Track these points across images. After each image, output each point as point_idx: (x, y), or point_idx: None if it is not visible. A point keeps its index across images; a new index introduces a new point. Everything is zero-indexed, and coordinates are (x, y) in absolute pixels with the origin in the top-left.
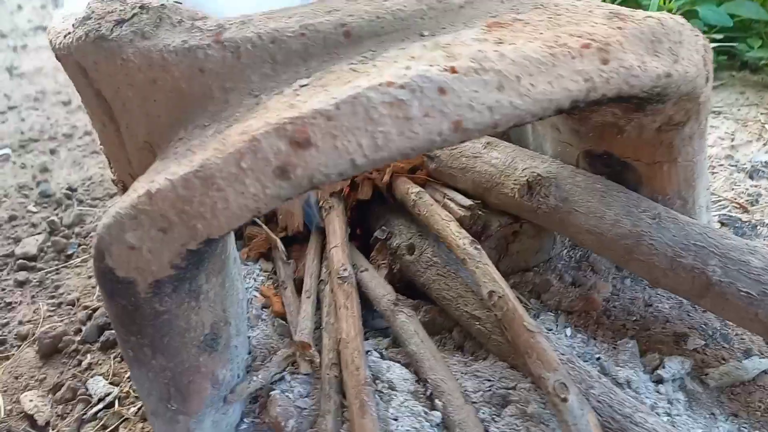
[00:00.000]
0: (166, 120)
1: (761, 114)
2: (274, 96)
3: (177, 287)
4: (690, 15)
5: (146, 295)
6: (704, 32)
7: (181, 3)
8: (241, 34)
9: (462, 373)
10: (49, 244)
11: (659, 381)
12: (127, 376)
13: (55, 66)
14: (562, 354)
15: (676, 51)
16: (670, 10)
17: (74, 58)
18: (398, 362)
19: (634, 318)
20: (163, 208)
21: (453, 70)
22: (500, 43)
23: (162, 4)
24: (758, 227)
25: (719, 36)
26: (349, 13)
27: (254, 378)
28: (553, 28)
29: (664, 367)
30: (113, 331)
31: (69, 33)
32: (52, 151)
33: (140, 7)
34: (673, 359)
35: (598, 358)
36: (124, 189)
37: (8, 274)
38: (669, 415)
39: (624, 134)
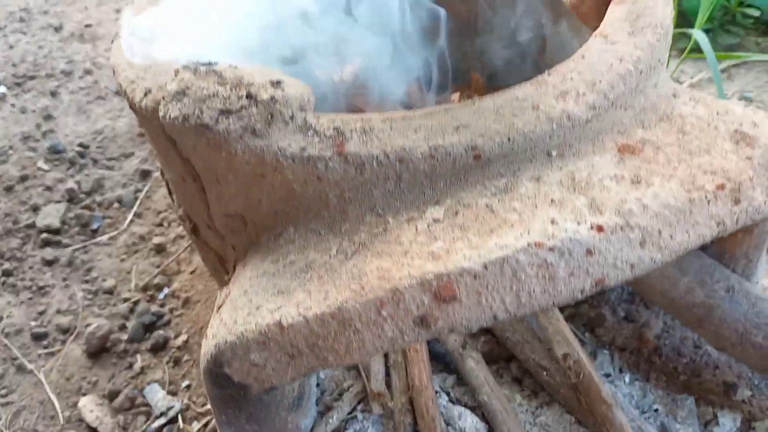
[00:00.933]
0: (269, 208)
1: None
2: (404, 223)
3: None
4: None
5: (258, 393)
6: None
7: (216, 64)
8: (367, 150)
9: (530, 424)
10: (71, 215)
11: None
12: (185, 385)
13: None
14: (632, 420)
15: None
16: None
17: (160, 124)
18: (466, 406)
19: (685, 360)
20: (295, 341)
21: (600, 229)
22: (638, 183)
23: (272, 97)
24: None
25: None
26: (480, 132)
27: (330, 420)
28: (685, 158)
29: (718, 424)
30: (162, 332)
31: (153, 95)
32: (53, 93)
33: (247, 98)
34: (725, 414)
35: (656, 410)
36: (193, 227)
37: (33, 249)
38: None
39: None
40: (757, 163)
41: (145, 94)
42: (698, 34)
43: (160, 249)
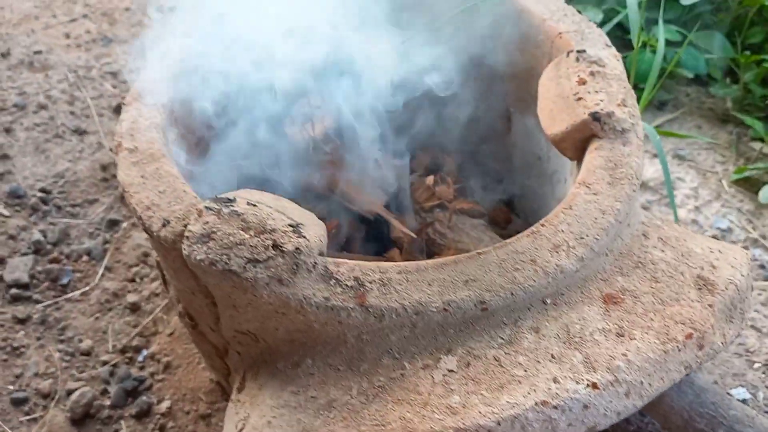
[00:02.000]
0: (285, 336)
1: (717, 162)
2: (420, 370)
3: None
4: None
5: None
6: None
7: (234, 202)
8: (386, 302)
9: None
10: (40, 269)
11: None
12: None
13: None
14: None
15: (743, 309)
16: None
17: (180, 255)
18: None
19: (632, 428)
20: None
21: (594, 386)
22: (623, 336)
23: (297, 248)
24: None
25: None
26: (487, 287)
27: None
28: (659, 308)
29: None
30: (145, 398)
31: (172, 227)
32: (7, 130)
33: (274, 248)
34: None
35: None
36: (192, 324)
37: (3, 306)
38: None
39: None
40: (717, 310)
41: (164, 225)
42: (650, 131)
43: (134, 308)
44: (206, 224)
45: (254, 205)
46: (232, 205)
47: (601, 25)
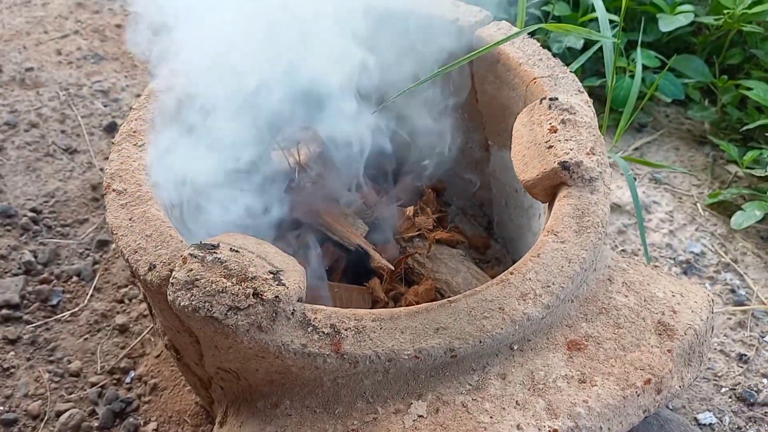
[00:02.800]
0: (265, 376)
1: (693, 186)
2: (392, 415)
3: None
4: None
5: None
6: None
7: (218, 248)
8: (361, 350)
9: None
10: (30, 290)
11: None
12: None
13: None
14: None
15: (702, 352)
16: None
17: (166, 299)
18: None
19: None
20: None
21: None
22: (584, 382)
23: (276, 297)
24: None
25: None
26: (456, 335)
27: None
28: (620, 354)
29: None
30: (132, 420)
31: (158, 272)
32: None
33: (254, 296)
34: None
35: None
36: (178, 356)
37: None
38: None
39: None
40: (676, 355)
41: (150, 269)
42: (622, 165)
43: (123, 329)
44: (190, 271)
45: (237, 251)
46: (215, 252)
47: (582, 50)
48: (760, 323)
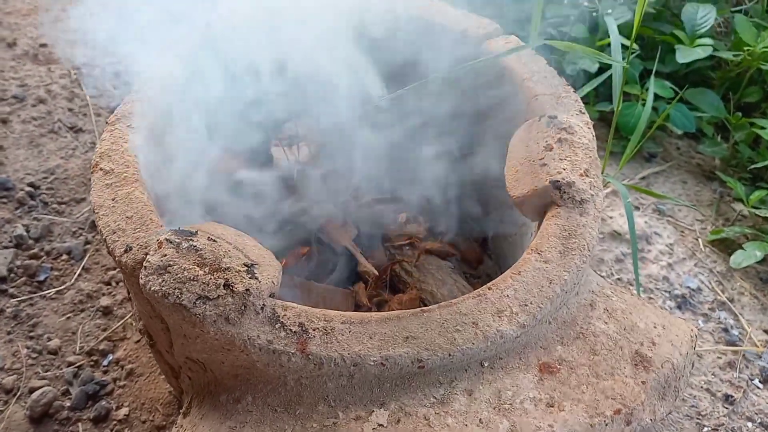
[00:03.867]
0: (230, 370)
1: (697, 220)
2: (352, 421)
3: None
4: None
5: None
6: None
7: (195, 235)
8: (326, 351)
9: None
10: (18, 264)
11: None
12: None
13: None
14: None
15: (678, 387)
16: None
17: (138, 282)
18: None
19: None
20: None
21: None
22: (552, 407)
23: (247, 290)
24: None
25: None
26: (426, 346)
27: None
28: (593, 381)
29: None
30: (104, 404)
31: (133, 254)
32: (4, 121)
33: (225, 287)
34: None
35: None
36: (151, 342)
37: None
38: None
39: None
40: (650, 387)
41: (126, 251)
42: (622, 192)
43: (106, 311)
44: (164, 257)
45: (214, 241)
46: (191, 240)
47: (597, 73)
48: (751, 365)
